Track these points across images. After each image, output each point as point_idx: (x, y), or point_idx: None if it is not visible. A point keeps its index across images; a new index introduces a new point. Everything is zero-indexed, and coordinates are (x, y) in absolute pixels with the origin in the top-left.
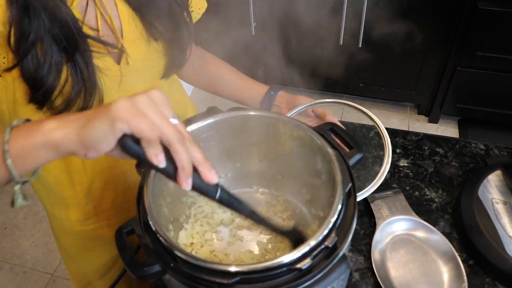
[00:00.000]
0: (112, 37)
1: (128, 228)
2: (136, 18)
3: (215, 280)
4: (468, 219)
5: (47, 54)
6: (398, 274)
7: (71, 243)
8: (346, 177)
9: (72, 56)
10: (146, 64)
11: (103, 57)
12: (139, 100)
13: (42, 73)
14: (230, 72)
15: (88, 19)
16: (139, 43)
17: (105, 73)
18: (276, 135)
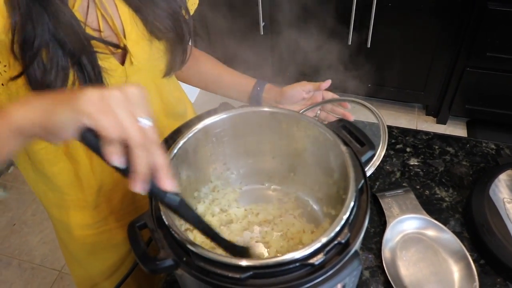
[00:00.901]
0: (115, 38)
1: (140, 222)
2: (137, 18)
3: (228, 274)
4: (479, 219)
5: (53, 59)
6: (409, 273)
7: (78, 247)
8: (358, 174)
9: (78, 59)
10: (149, 64)
11: (107, 58)
12: (110, 95)
13: (49, 79)
14: (218, 68)
15: (90, 21)
16: (142, 43)
17: (111, 74)
18: (289, 132)
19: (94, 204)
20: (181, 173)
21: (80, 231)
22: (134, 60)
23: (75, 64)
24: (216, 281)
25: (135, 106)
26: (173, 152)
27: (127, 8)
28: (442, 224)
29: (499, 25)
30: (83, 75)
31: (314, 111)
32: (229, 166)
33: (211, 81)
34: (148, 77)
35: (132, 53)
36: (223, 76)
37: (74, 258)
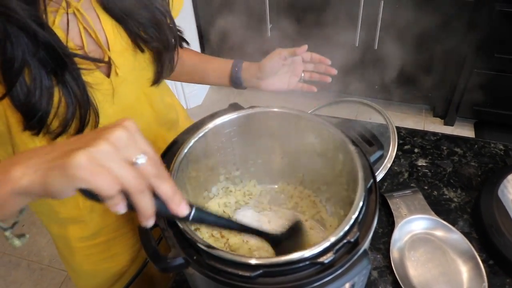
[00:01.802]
0: (99, 51)
1: None
2: (120, 29)
3: (238, 273)
4: (488, 219)
5: (36, 79)
6: (417, 273)
7: (78, 260)
8: (367, 174)
9: (61, 77)
10: (135, 74)
11: (92, 73)
12: (99, 151)
13: (34, 99)
14: (199, 58)
15: (72, 36)
16: (126, 54)
17: (97, 88)
18: (298, 132)
19: (89, 219)
20: (190, 173)
21: (78, 243)
22: (120, 72)
23: (59, 83)
24: (227, 279)
25: (127, 150)
26: (183, 152)
27: (110, 19)
28: (451, 225)
29: (507, 26)
30: (68, 93)
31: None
32: (239, 166)
33: (195, 72)
34: (136, 87)
35: (117, 65)
36: (204, 64)
37: (76, 273)
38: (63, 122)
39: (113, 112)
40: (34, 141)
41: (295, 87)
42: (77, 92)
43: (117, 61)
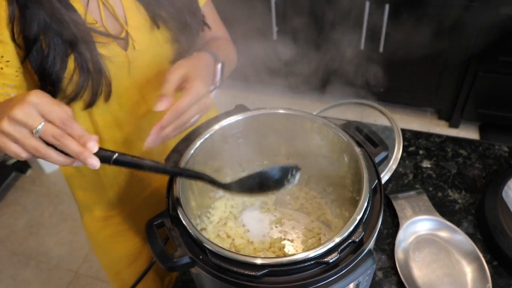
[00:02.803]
0: (117, 25)
1: (158, 221)
2: (140, 5)
3: (244, 272)
4: (492, 220)
5: (50, 47)
6: (422, 274)
7: (99, 229)
8: (372, 174)
9: (76, 47)
10: (153, 50)
11: (108, 46)
12: (3, 126)
13: (47, 64)
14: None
15: (91, 10)
16: (144, 30)
17: (112, 60)
18: (304, 134)
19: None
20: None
21: (98, 210)
22: (137, 46)
23: (74, 51)
24: (232, 278)
25: (26, 122)
26: (190, 153)
27: (132, 2)
28: (455, 226)
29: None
30: (81, 62)
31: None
32: (244, 168)
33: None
34: (154, 62)
35: (134, 38)
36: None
37: (98, 244)
38: (76, 89)
39: (129, 83)
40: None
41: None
42: (90, 62)
43: (134, 36)
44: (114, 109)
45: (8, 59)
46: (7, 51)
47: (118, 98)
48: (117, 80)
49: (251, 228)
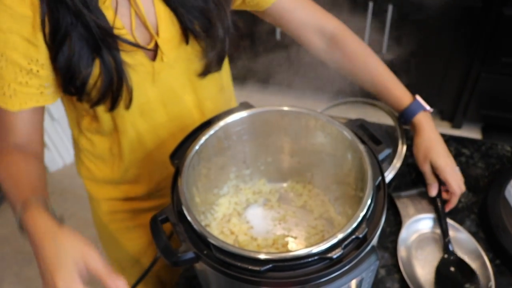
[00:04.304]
0: (146, 34)
1: (162, 216)
2: (173, 18)
3: (248, 267)
4: (494, 219)
5: (75, 48)
6: (424, 272)
7: (108, 222)
8: (376, 171)
9: (100, 52)
10: (181, 63)
11: (135, 54)
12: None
13: (72, 66)
14: (374, 59)
15: (121, 16)
16: (175, 42)
17: (136, 70)
18: (308, 131)
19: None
20: (201, 170)
21: (108, 204)
22: (165, 58)
23: (98, 57)
24: (236, 273)
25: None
26: (194, 149)
27: (165, 7)
28: (458, 224)
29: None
30: (105, 67)
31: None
32: (249, 165)
33: (360, 70)
34: (181, 75)
35: (163, 51)
36: (385, 76)
37: (105, 237)
38: (99, 93)
39: (153, 93)
40: (83, 104)
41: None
42: (113, 69)
43: (164, 48)
44: (134, 116)
45: (43, 62)
46: (42, 54)
47: (139, 106)
48: (140, 89)
49: (255, 224)
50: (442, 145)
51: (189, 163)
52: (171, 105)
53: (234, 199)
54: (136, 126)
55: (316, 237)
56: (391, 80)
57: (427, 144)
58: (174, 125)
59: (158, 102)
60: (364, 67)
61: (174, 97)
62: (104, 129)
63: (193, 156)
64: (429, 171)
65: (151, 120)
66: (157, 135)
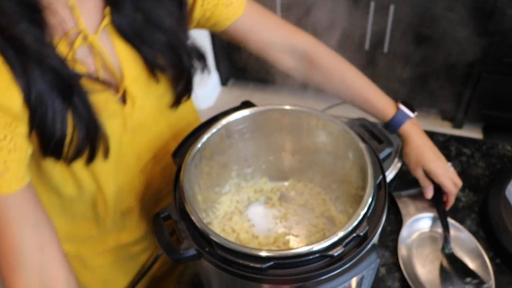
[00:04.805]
0: (113, 79)
1: (164, 213)
2: (136, 56)
3: (249, 264)
4: (495, 218)
5: (48, 103)
6: (425, 271)
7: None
8: (377, 170)
9: (70, 100)
10: (152, 100)
11: (105, 101)
12: None
13: (48, 123)
14: (352, 72)
15: (82, 60)
16: (142, 80)
17: (109, 115)
18: (309, 130)
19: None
20: (203, 168)
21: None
22: (135, 98)
23: (70, 106)
24: (238, 270)
25: None
26: (197, 147)
27: (126, 45)
28: (458, 224)
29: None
30: (78, 117)
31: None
32: (250, 163)
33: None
34: (152, 111)
35: (131, 92)
36: (358, 83)
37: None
38: (77, 147)
39: (126, 135)
40: (55, 166)
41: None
42: (86, 117)
43: (131, 89)
44: (110, 163)
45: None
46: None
47: (114, 152)
48: (115, 136)
49: (256, 223)
50: (431, 149)
51: (191, 161)
52: (144, 149)
53: (236, 198)
54: (116, 176)
55: (317, 236)
56: (372, 93)
57: (415, 152)
58: (153, 169)
59: (132, 146)
60: (343, 83)
61: (148, 132)
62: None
63: (195, 154)
64: (422, 176)
65: (126, 165)
66: (132, 181)
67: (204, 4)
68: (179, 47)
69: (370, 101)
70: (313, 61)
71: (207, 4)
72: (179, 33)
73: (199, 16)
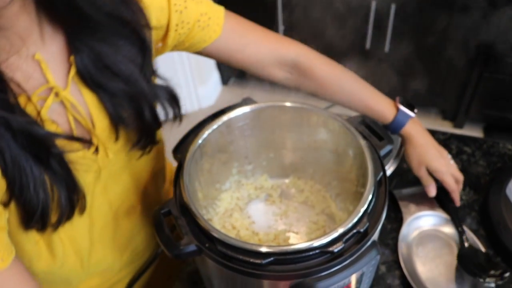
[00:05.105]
0: (86, 132)
1: (165, 209)
2: (102, 107)
3: (249, 260)
4: (496, 216)
5: (26, 169)
6: (425, 269)
7: None
8: (377, 167)
9: (48, 163)
10: (123, 151)
11: (82, 156)
12: None
13: (30, 193)
14: (348, 77)
15: (59, 119)
16: (109, 131)
17: (85, 169)
18: (310, 126)
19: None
20: (203, 165)
21: None
22: (107, 149)
23: (47, 170)
24: (238, 266)
25: None
26: (197, 143)
27: (92, 94)
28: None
29: None
30: (56, 179)
31: None
32: (251, 160)
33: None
34: (124, 161)
35: (104, 143)
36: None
37: None
38: (60, 210)
39: (99, 185)
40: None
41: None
42: (64, 177)
43: (104, 139)
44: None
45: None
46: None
47: (88, 204)
48: (89, 188)
49: (256, 220)
50: (434, 146)
51: (191, 157)
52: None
53: (236, 194)
54: (90, 229)
55: (317, 233)
56: (370, 96)
57: (418, 151)
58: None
59: (105, 193)
60: (339, 90)
61: (116, 182)
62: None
63: (195, 150)
64: (425, 175)
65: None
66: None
67: (178, 29)
68: (140, 97)
69: (369, 105)
70: (305, 70)
71: (181, 29)
72: (140, 82)
73: (175, 41)
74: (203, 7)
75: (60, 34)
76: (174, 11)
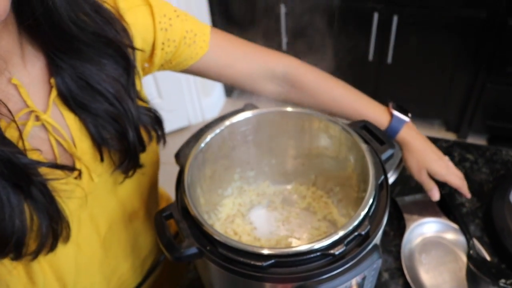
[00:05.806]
0: (68, 156)
1: (166, 212)
2: (83, 128)
3: (250, 262)
4: (499, 223)
5: (3, 198)
6: (429, 276)
7: None
8: (378, 170)
9: (29, 192)
10: (106, 172)
11: (65, 182)
12: None
13: (5, 221)
14: (340, 87)
15: (40, 144)
16: (93, 153)
17: (68, 196)
18: (311, 132)
19: None
20: (206, 170)
21: None
22: (91, 172)
23: (27, 198)
24: (239, 269)
25: None
26: (199, 148)
27: (74, 116)
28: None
29: None
30: (38, 208)
31: None
32: (253, 166)
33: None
34: (109, 186)
35: (88, 166)
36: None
37: None
38: (40, 239)
39: (85, 211)
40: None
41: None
42: (46, 205)
43: (87, 162)
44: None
45: None
46: None
47: (74, 232)
48: (74, 215)
49: (258, 226)
50: (431, 150)
51: (193, 162)
52: (104, 226)
53: (238, 200)
54: (76, 258)
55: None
56: (363, 104)
57: (416, 156)
58: (112, 249)
59: (91, 219)
60: (331, 99)
61: (104, 208)
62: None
63: (197, 154)
64: (426, 179)
65: (88, 242)
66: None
67: (164, 48)
68: (124, 118)
69: (362, 113)
70: (295, 82)
71: (167, 47)
72: (125, 101)
73: (162, 60)
74: (188, 25)
75: (41, 55)
76: (159, 29)
